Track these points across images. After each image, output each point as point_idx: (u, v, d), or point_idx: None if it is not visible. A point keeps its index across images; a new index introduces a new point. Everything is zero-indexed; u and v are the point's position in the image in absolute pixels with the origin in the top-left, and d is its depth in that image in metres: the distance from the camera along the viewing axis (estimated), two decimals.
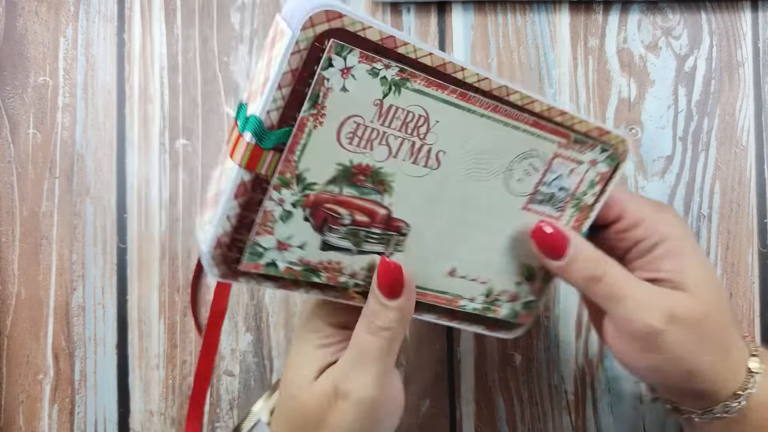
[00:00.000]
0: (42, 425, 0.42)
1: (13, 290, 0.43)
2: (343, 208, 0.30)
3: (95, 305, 0.43)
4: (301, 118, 0.27)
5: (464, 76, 0.29)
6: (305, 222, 0.29)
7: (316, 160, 0.28)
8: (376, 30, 0.27)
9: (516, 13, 0.45)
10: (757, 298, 0.45)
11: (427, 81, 0.29)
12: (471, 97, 0.30)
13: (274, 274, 0.30)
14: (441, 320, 0.34)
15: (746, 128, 0.46)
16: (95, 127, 0.43)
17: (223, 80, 0.44)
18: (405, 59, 0.28)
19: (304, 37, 0.26)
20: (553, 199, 0.34)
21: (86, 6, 0.44)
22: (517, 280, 0.35)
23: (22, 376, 0.43)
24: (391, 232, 0.31)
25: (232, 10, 0.44)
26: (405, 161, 0.30)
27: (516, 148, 0.32)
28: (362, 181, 0.30)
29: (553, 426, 0.44)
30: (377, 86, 0.28)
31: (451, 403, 0.44)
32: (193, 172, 0.44)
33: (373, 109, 0.28)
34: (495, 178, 0.32)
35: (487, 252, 0.34)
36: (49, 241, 0.43)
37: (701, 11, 0.46)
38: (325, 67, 0.26)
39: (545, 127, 0.32)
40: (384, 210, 0.31)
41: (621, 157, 0.34)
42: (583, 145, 0.33)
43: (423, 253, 0.32)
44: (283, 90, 0.26)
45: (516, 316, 0.36)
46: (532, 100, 0.31)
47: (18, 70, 0.43)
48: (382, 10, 0.45)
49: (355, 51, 0.27)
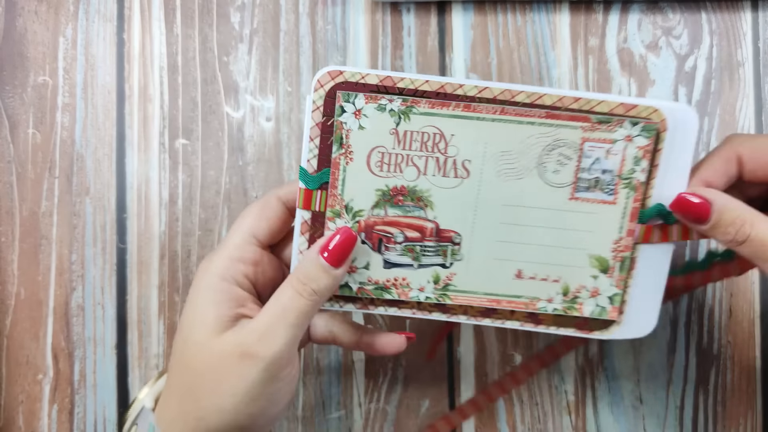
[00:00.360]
0: (41, 425, 0.42)
1: (12, 290, 0.43)
2: (393, 228, 0.34)
3: (95, 305, 0.43)
4: (333, 158, 0.33)
5: (464, 92, 0.32)
6: (364, 244, 0.34)
7: (357, 189, 0.33)
8: (374, 75, 0.32)
9: (516, 13, 0.45)
10: (757, 298, 0.45)
11: (431, 103, 0.32)
12: (475, 107, 0.32)
13: (349, 294, 0.34)
14: (526, 326, 0.35)
15: (746, 128, 0.46)
16: (95, 126, 0.43)
17: (222, 80, 0.44)
18: (405, 90, 0.32)
19: (317, 96, 0.32)
20: (600, 183, 0.33)
21: (86, 6, 0.44)
22: (591, 273, 0.34)
23: (22, 376, 0.42)
24: (444, 244, 0.34)
25: (231, 10, 0.44)
26: (435, 176, 0.33)
27: (538, 142, 0.33)
28: (402, 200, 0.34)
29: (553, 426, 0.44)
30: (388, 118, 0.33)
31: (451, 403, 0.44)
32: (192, 171, 0.44)
33: (390, 137, 0.33)
34: (529, 174, 0.33)
35: (548, 249, 0.34)
36: (48, 241, 0.43)
37: (701, 11, 0.46)
38: (340, 114, 0.32)
39: (561, 116, 0.32)
40: (430, 223, 0.34)
41: (660, 126, 0.32)
42: (609, 124, 0.33)
43: (483, 260, 0.34)
44: (314, 141, 0.33)
45: (604, 312, 0.35)
46: (540, 95, 0.32)
47: (18, 70, 0.43)
48: (382, 9, 0.45)
49: (360, 95, 0.32)
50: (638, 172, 0.33)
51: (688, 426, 0.45)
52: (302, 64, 0.44)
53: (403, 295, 0.34)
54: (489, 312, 0.35)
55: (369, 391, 0.44)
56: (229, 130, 0.44)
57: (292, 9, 0.44)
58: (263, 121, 0.44)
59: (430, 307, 0.35)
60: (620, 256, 0.34)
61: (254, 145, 0.44)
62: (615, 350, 0.45)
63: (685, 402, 0.45)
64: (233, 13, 0.44)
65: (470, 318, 0.35)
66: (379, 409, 0.44)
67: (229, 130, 0.44)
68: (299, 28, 0.44)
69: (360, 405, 0.44)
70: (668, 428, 0.45)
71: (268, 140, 0.44)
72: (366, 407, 0.44)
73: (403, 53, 0.45)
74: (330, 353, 0.44)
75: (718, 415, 0.45)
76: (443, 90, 0.32)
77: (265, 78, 0.44)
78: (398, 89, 0.32)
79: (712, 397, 0.45)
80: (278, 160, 0.44)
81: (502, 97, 0.32)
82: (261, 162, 0.44)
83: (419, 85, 0.32)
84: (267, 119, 0.44)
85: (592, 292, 0.35)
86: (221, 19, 0.44)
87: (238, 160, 0.44)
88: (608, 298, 0.35)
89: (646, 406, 0.45)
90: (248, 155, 0.44)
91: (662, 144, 0.33)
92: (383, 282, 0.34)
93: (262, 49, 0.44)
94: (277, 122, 0.44)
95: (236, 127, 0.44)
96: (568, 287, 0.35)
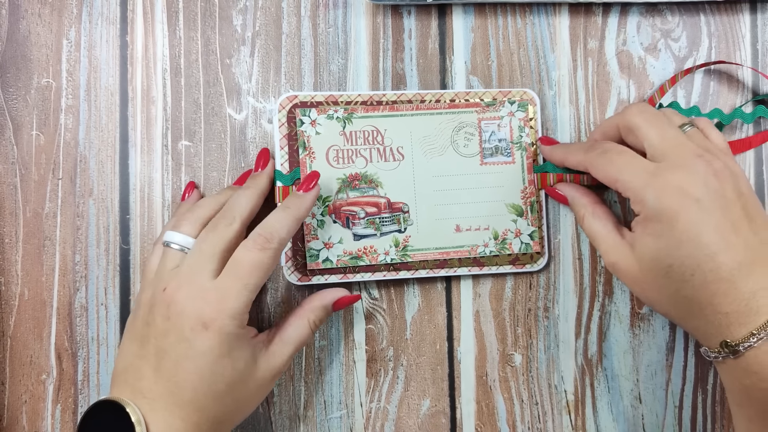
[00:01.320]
0: (45, 425, 0.43)
1: (16, 291, 0.43)
2: (356, 207, 0.43)
3: (98, 306, 0.43)
4: (300, 159, 0.43)
5: (388, 98, 0.44)
6: (335, 223, 0.43)
7: (323, 180, 0.42)
8: (321, 95, 0.43)
9: (516, 15, 0.46)
10: None
11: (365, 108, 0.43)
12: (398, 107, 0.44)
13: (330, 267, 0.42)
14: (473, 270, 0.43)
15: (745, 129, 0.46)
16: (98, 128, 0.44)
17: (225, 82, 0.44)
18: (346, 103, 0.43)
19: (281, 115, 0.43)
20: (499, 149, 0.44)
21: (89, 8, 0.44)
22: (511, 218, 0.44)
23: (26, 376, 0.43)
24: (396, 213, 0.43)
25: (234, 13, 0.44)
26: (379, 162, 0.43)
27: (447, 126, 0.44)
28: (358, 184, 0.43)
29: (553, 426, 0.45)
30: (336, 124, 0.43)
31: (451, 403, 0.45)
32: (195, 173, 0.44)
33: (341, 137, 0.43)
34: (447, 151, 0.44)
35: (474, 205, 0.44)
36: (52, 242, 0.43)
37: (700, 13, 0.46)
38: (300, 125, 0.43)
39: (459, 105, 0.44)
40: (383, 199, 0.43)
41: (531, 102, 0.44)
42: (495, 106, 0.44)
43: (428, 221, 0.43)
44: (284, 149, 0.43)
45: (529, 248, 0.44)
46: (441, 94, 0.44)
47: (21, 72, 0.43)
48: (383, 12, 0.45)
49: (313, 109, 0.43)
50: (525, 137, 0.44)
51: (687, 425, 0.45)
52: (304, 66, 0.44)
53: (373, 260, 0.43)
54: (443, 263, 0.43)
55: (370, 390, 0.44)
56: (231, 131, 0.44)
57: (294, 12, 0.45)
58: (265, 123, 0.44)
59: (396, 267, 0.43)
60: (529, 201, 0.44)
61: (256, 147, 0.44)
62: (614, 350, 0.45)
63: (684, 402, 0.45)
64: (235, 16, 0.44)
65: (430, 272, 0.43)
66: (380, 409, 0.44)
67: (231, 131, 0.44)
68: (301, 31, 0.45)
69: (361, 404, 0.44)
70: (667, 428, 0.45)
71: (270, 142, 0.44)
72: (367, 407, 0.44)
73: (404, 56, 0.45)
74: (331, 353, 0.44)
75: (716, 414, 0.45)
76: (371, 99, 0.43)
77: (267, 80, 0.44)
78: (340, 102, 0.43)
79: (711, 396, 0.45)
80: None
81: (415, 99, 0.44)
82: None
83: (354, 98, 0.43)
84: (269, 121, 0.44)
85: (515, 233, 0.44)
86: (223, 21, 0.44)
87: (241, 161, 0.44)
88: (528, 235, 0.44)
89: (645, 406, 0.45)
90: (250, 157, 0.44)
91: (535, 114, 0.44)
92: (355, 252, 0.43)
93: (264, 52, 0.44)
94: None
95: (238, 129, 0.44)
96: (497, 232, 0.44)
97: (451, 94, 0.44)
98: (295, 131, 0.42)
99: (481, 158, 0.44)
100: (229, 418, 0.37)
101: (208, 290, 0.35)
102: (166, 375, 0.34)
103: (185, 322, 0.34)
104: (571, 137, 0.45)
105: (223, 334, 0.35)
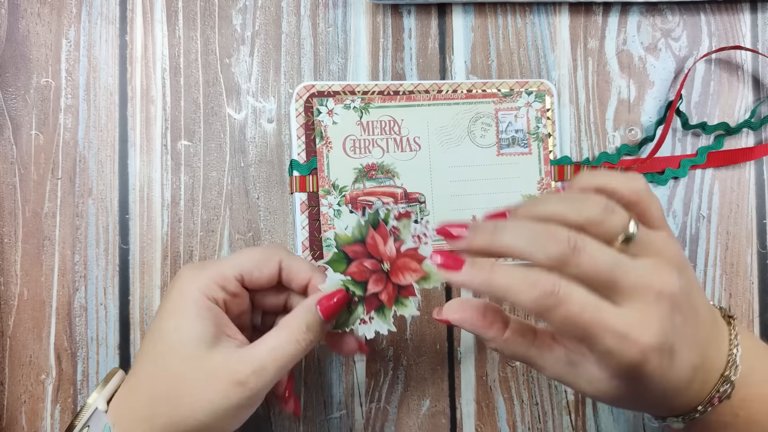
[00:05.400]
0: (44, 425, 0.43)
1: (15, 291, 0.43)
2: (372, 197, 0.43)
3: (97, 306, 0.43)
4: (317, 148, 0.43)
5: (405, 88, 0.44)
6: (352, 213, 0.43)
7: (339, 170, 0.43)
8: (338, 84, 0.43)
9: (516, 15, 0.46)
10: (756, 298, 0.46)
11: (382, 98, 0.43)
12: (415, 97, 0.43)
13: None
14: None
15: (745, 130, 0.46)
16: (97, 128, 0.44)
17: (224, 82, 0.44)
18: (363, 92, 0.43)
19: (299, 105, 0.43)
20: (516, 140, 0.44)
21: (88, 8, 0.44)
22: None
23: (25, 376, 0.43)
24: (413, 204, 0.43)
25: (233, 12, 0.44)
26: (396, 152, 0.43)
27: (464, 116, 0.44)
28: (375, 174, 0.43)
29: (553, 426, 0.45)
30: (353, 113, 0.43)
31: (451, 403, 0.45)
32: (194, 173, 0.44)
33: (357, 127, 0.43)
34: (463, 141, 0.44)
35: (491, 195, 0.44)
36: (51, 242, 0.43)
37: (700, 13, 0.46)
38: (317, 115, 0.43)
39: (476, 96, 0.44)
40: (399, 189, 0.43)
41: (548, 93, 0.44)
42: (512, 97, 0.44)
43: (444, 212, 0.43)
44: (301, 138, 0.43)
45: None
46: (458, 85, 0.44)
47: (20, 72, 0.43)
48: (383, 12, 0.45)
49: (330, 99, 0.43)
50: (541, 128, 0.44)
51: None
52: (303, 66, 0.44)
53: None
54: None
55: (370, 391, 0.44)
56: (231, 131, 0.44)
57: (294, 11, 0.45)
58: (265, 123, 0.44)
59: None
60: (545, 192, 0.44)
61: (256, 147, 0.44)
62: None
63: None
64: (235, 16, 0.44)
65: None
66: (380, 409, 0.44)
67: (231, 131, 0.44)
68: (300, 30, 0.45)
69: (361, 405, 0.44)
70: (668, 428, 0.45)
71: (269, 142, 0.44)
72: (367, 407, 0.44)
73: (404, 55, 0.45)
74: (331, 353, 0.44)
75: None
76: (389, 89, 0.43)
77: (266, 80, 0.44)
78: (357, 92, 0.43)
79: None
80: (280, 161, 0.44)
81: (432, 89, 0.44)
82: (263, 163, 0.44)
83: (371, 88, 0.43)
84: (269, 121, 0.44)
85: None
86: (223, 21, 0.44)
87: (240, 161, 0.44)
88: None
89: None
90: (250, 157, 0.44)
91: (552, 105, 0.44)
92: None
93: (264, 51, 0.44)
94: (279, 124, 0.44)
95: (238, 129, 0.44)
96: None
97: (468, 84, 0.44)
98: (312, 121, 0.42)
99: (498, 149, 0.44)
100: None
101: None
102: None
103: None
104: (571, 137, 0.45)
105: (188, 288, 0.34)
